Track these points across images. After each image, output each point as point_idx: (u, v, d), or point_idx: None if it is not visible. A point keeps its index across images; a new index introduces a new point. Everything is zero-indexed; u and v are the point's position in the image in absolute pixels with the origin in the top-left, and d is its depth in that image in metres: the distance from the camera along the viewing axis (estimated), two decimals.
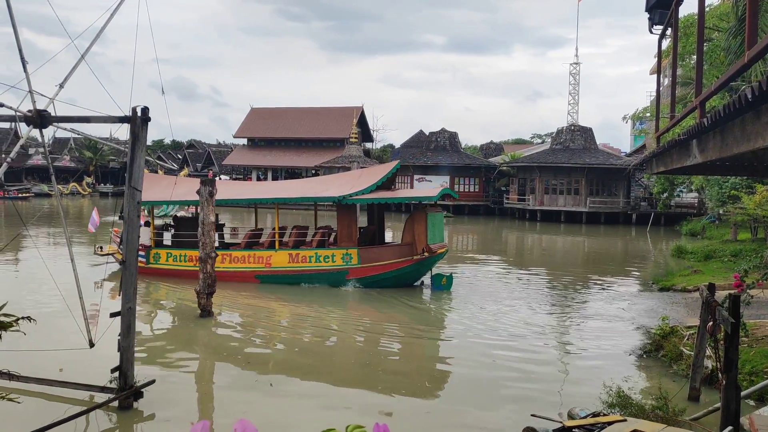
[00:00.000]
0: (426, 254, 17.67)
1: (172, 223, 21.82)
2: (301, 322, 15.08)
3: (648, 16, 9.37)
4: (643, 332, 13.84)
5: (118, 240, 20.86)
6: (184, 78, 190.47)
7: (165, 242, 20.18)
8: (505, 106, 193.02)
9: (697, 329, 9.57)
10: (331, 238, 19.18)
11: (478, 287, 19.62)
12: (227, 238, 22.76)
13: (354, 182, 18.94)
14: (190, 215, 31.13)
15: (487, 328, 14.13)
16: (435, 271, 19.09)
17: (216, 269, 18.55)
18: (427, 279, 18.99)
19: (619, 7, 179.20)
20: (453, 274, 19.19)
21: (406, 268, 18.00)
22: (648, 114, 34.81)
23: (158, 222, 21.03)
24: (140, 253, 20.09)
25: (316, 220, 21.12)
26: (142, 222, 22.65)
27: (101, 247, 22.53)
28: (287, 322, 15.21)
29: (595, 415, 6.83)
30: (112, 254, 21.21)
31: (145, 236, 19.89)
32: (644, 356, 12.18)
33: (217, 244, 19.37)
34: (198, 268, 15.97)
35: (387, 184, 19.34)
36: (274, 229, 19.25)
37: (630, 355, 12.31)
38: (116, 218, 21.36)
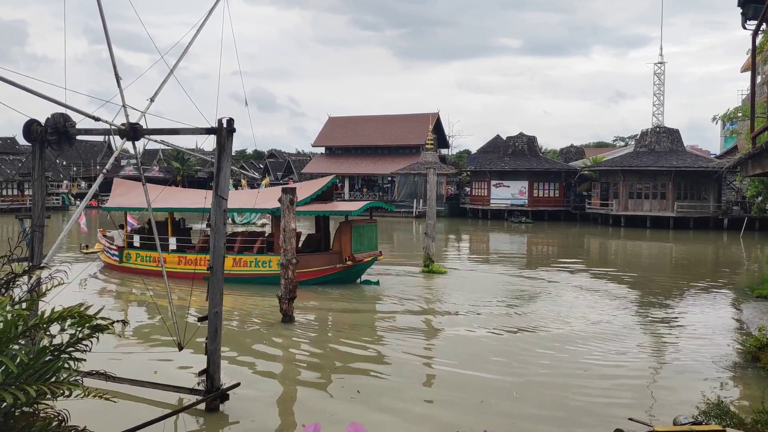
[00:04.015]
0: (349, 263, 19.62)
1: (147, 226, 23.57)
2: (387, 328, 15.03)
3: (741, 11, 8.93)
4: (738, 342, 13.18)
5: (104, 240, 23.48)
6: (262, 89, 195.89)
7: (135, 244, 22.42)
8: (585, 108, 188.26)
9: None
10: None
11: (562, 294, 19.21)
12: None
13: None
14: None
15: (576, 334, 13.80)
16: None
17: (173, 269, 20.26)
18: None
19: (705, 3, 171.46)
20: (379, 280, 20.97)
21: (333, 275, 19.88)
22: (740, 114, 33.10)
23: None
24: (114, 252, 22.43)
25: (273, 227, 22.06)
26: (134, 223, 24.73)
27: (87, 246, 24.40)
28: (373, 327, 15.17)
29: (695, 423, 6.54)
30: (96, 253, 23.92)
31: (119, 238, 23.03)
32: (739, 367, 11.57)
33: (174, 246, 21.35)
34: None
35: (325, 196, 20.98)
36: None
37: (724, 364, 11.73)
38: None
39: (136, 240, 22.42)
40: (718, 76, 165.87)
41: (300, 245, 20.95)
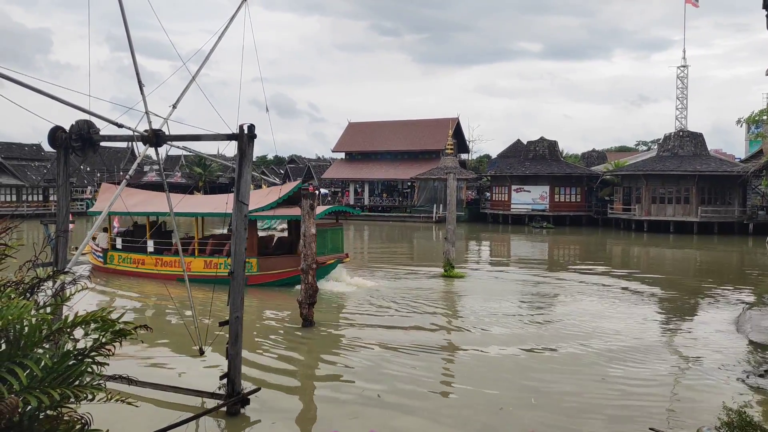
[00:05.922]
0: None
1: (131, 229, 24.43)
2: (406, 332, 14.94)
3: (766, 13, 8.81)
4: (762, 350, 12.93)
5: (92, 242, 23.82)
6: (282, 95, 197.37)
7: (117, 246, 23.24)
8: (606, 112, 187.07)
9: None
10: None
11: (582, 301, 19.03)
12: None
13: (259, 199, 21.28)
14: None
15: (595, 342, 13.66)
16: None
17: (150, 271, 21.30)
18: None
19: (727, 5, 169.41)
20: (339, 278, 21.41)
21: (296, 277, 19.89)
22: (765, 117, 32.60)
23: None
24: (99, 254, 23.11)
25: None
26: (117, 225, 24.44)
27: (76, 248, 24.74)
28: (393, 332, 15.08)
29: None
30: (85, 254, 24.34)
31: (104, 241, 23.66)
32: (763, 376, 11.35)
33: (152, 249, 22.01)
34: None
35: (292, 200, 21.18)
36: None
37: (748, 373, 11.50)
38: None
39: (119, 242, 23.26)
40: (742, 79, 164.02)
41: (272, 248, 22.03)
